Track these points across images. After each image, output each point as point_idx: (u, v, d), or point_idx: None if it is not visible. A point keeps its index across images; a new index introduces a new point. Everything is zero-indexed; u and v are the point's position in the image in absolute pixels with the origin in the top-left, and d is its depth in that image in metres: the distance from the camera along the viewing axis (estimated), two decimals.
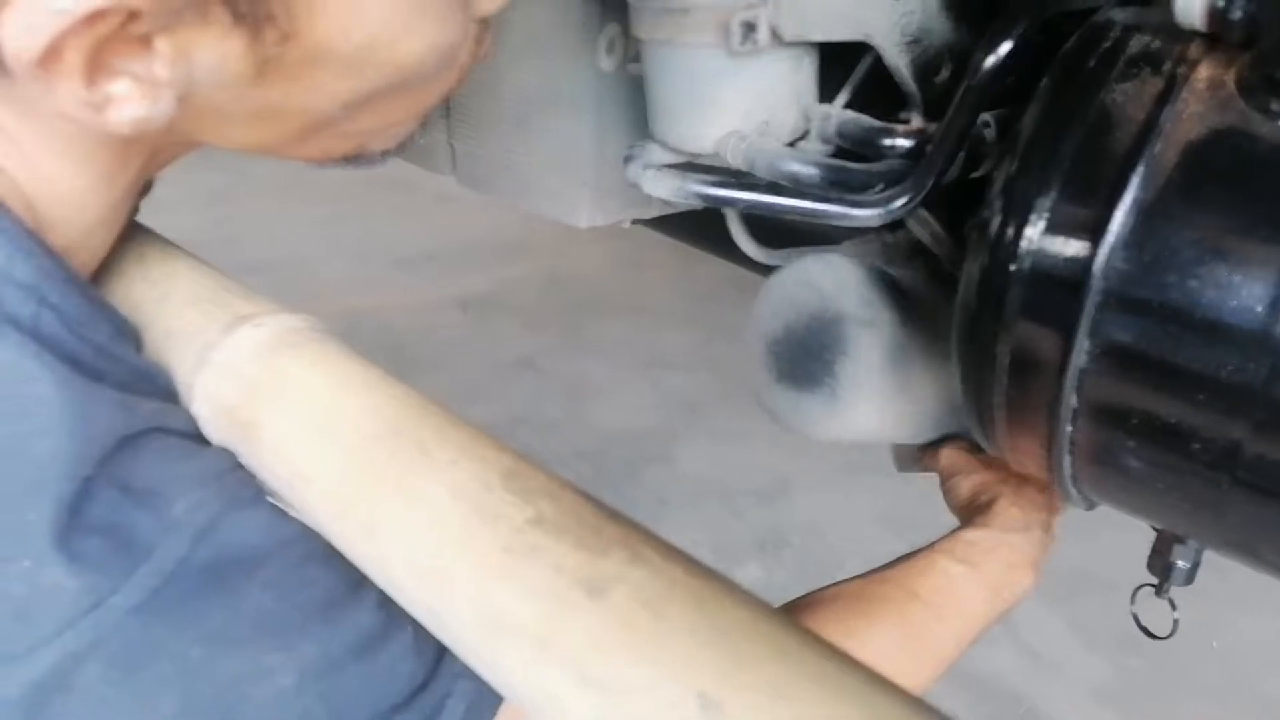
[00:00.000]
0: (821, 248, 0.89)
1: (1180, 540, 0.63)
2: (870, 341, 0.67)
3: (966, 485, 0.70)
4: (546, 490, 0.35)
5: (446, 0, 0.41)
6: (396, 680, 0.41)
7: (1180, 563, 0.63)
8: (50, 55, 0.33)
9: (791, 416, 0.70)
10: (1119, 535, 0.65)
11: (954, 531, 0.65)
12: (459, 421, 0.40)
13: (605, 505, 0.34)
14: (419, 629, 0.41)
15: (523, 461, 0.37)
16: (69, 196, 0.41)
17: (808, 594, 0.63)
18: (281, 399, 0.44)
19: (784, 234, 0.98)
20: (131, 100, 0.36)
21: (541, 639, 0.30)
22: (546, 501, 0.34)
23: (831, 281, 0.68)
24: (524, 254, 2.91)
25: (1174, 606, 0.67)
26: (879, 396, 0.69)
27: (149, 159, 0.45)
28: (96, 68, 0.34)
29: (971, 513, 0.67)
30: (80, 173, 0.41)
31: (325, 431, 0.42)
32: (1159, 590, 0.66)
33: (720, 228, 1.23)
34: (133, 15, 0.33)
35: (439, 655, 0.42)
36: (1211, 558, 0.69)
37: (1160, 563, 0.63)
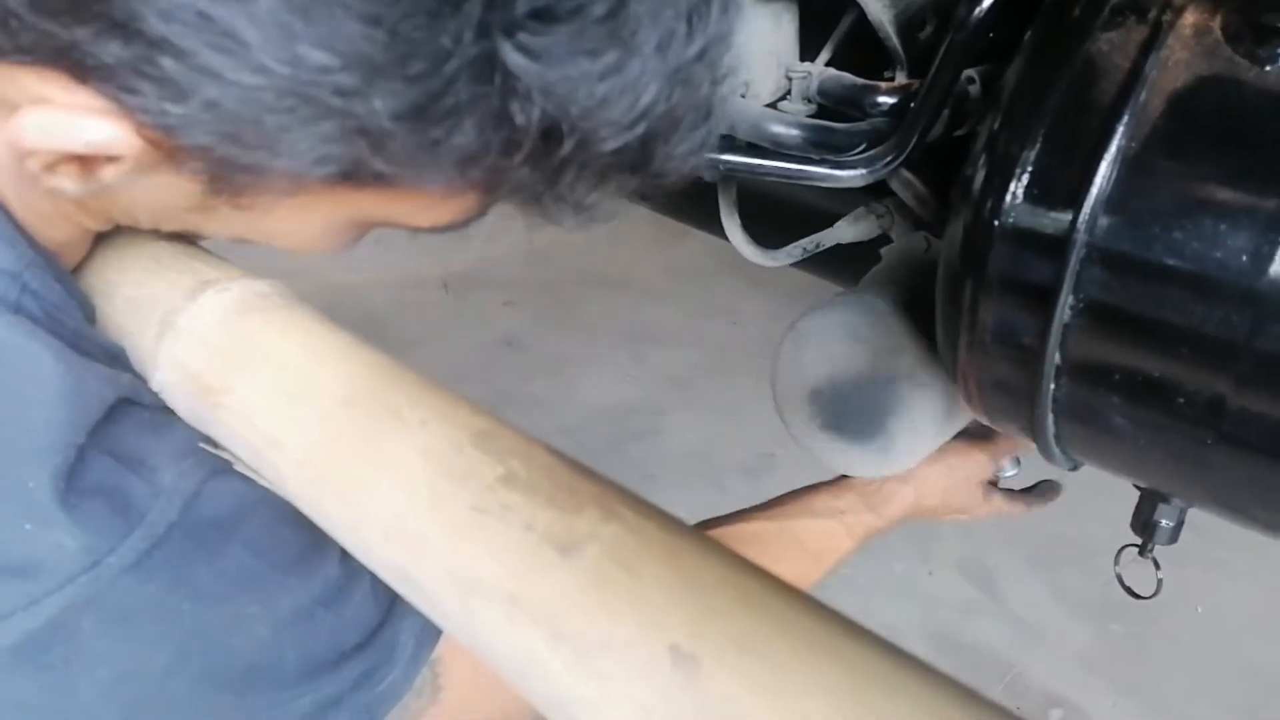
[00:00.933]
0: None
1: (1164, 499, 0.63)
2: (925, 402, 0.67)
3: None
4: (518, 450, 0.33)
5: (350, 235, 0.45)
6: (358, 623, 0.44)
7: (1164, 522, 0.63)
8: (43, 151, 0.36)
9: (838, 461, 0.72)
10: (1101, 501, 0.64)
11: (843, 492, 0.73)
12: (431, 384, 0.39)
13: (580, 463, 0.33)
14: (375, 576, 0.42)
15: (496, 423, 0.36)
16: (38, 214, 0.43)
17: (703, 524, 0.68)
18: (250, 364, 0.43)
19: (771, 210, 0.97)
20: (69, 179, 0.38)
21: (514, 597, 0.30)
22: (518, 460, 0.33)
23: (882, 338, 0.67)
24: (505, 231, 2.88)
25: (1158, 566, 0.67)
26: (927, 450, 0.70)
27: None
28: (64, 160, 0.37)
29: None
30: (43, 198, 0.42)
31: (296, 397, 0.41)
32: (1143, 550, 0.66)
33: (702, 201, 1.21)
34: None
35: (392, 598, 0.45)
36: (1196, 522, 0.69)
37: (1144, 522, 0.63)
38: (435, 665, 0.46)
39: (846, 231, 0.89)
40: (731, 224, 0.90)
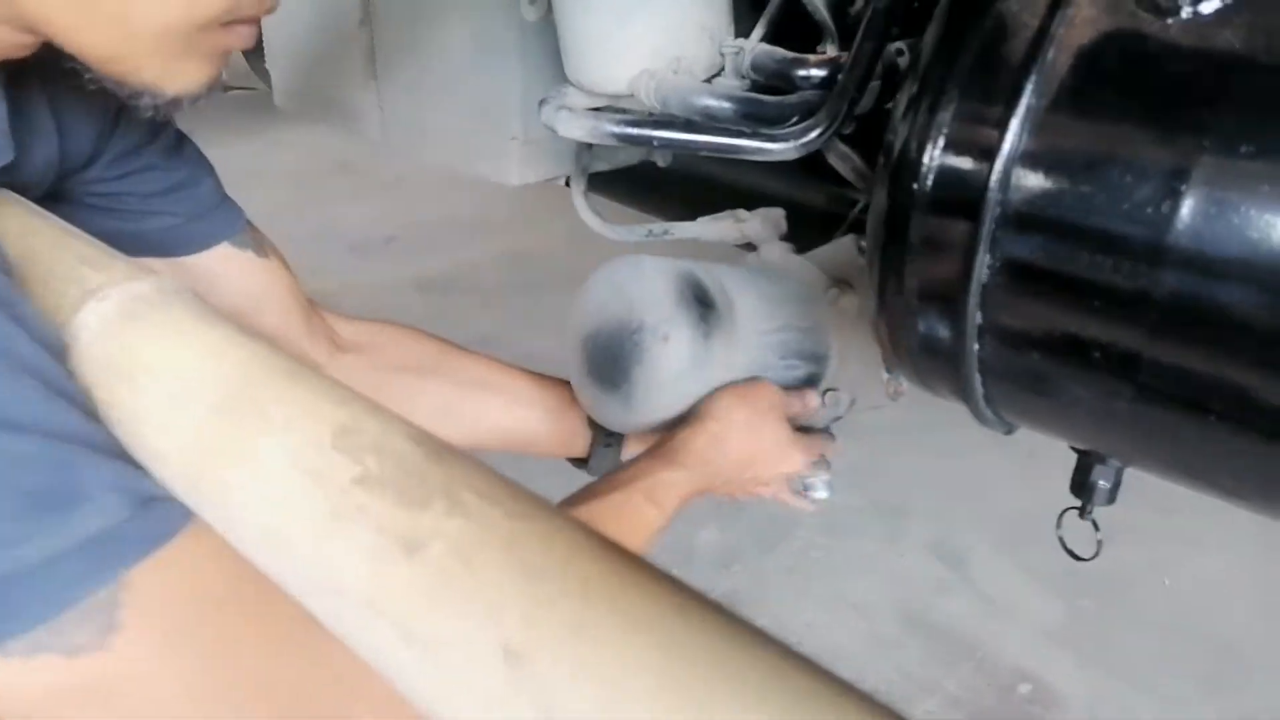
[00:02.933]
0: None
1: (1100, 459, 0.61)
2: (663, 355, 0.68)
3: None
4: (376, 444, 0.33)
5: None
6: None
7: (1101, 482, 0.61)
8: None
9: (595, 410, 0.74)
10: (1065, 476, 0.63)
11: (638, 461, 0.69)
12: (304, 374, 0.38)
13: (436, 443, 0.32)
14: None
15: (360, 412, 0.35)
16: None
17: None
18: (129, 376, 0.42)
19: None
20: None
21: (368, 599, 0.29)
22: (373, 457, 0.32)
23: (639, 291, 0.70)
24: (480, 234, 2.87)
25: (1097, 528, 0.65)
26: (668, 405, 0.70)
27: None
28: None
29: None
30: None
31: (172, 407, 0.40)
32: (1082, 512, 0.64)
33: (668, 191, 1.19)
34: None
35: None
36: (1161, 497, 0.67)
37: (1081, 483, 0.62)
38: (119, 593, 0.34)
39: (703, 229, 0.90)
40: (579, 198, 0.91)
